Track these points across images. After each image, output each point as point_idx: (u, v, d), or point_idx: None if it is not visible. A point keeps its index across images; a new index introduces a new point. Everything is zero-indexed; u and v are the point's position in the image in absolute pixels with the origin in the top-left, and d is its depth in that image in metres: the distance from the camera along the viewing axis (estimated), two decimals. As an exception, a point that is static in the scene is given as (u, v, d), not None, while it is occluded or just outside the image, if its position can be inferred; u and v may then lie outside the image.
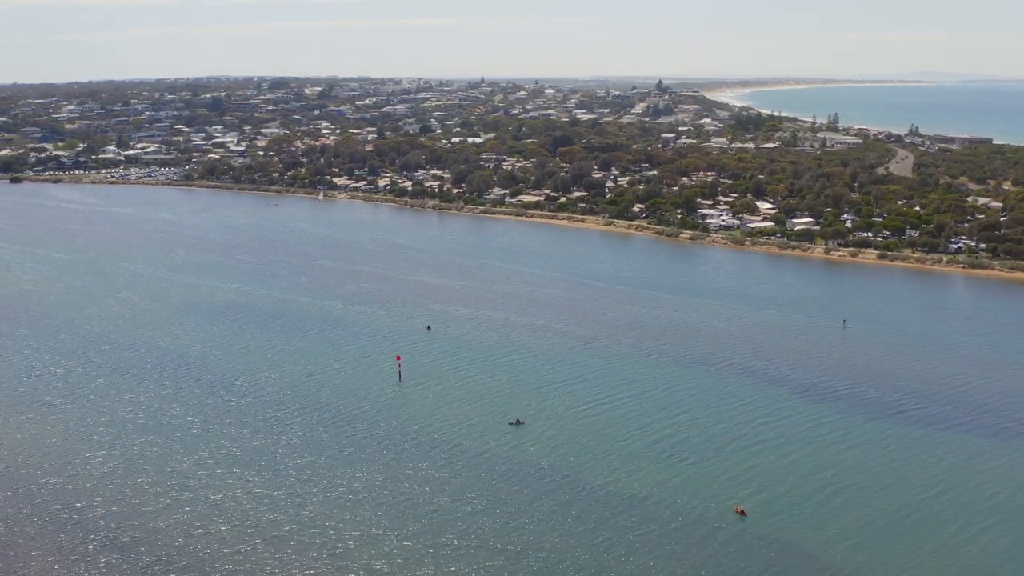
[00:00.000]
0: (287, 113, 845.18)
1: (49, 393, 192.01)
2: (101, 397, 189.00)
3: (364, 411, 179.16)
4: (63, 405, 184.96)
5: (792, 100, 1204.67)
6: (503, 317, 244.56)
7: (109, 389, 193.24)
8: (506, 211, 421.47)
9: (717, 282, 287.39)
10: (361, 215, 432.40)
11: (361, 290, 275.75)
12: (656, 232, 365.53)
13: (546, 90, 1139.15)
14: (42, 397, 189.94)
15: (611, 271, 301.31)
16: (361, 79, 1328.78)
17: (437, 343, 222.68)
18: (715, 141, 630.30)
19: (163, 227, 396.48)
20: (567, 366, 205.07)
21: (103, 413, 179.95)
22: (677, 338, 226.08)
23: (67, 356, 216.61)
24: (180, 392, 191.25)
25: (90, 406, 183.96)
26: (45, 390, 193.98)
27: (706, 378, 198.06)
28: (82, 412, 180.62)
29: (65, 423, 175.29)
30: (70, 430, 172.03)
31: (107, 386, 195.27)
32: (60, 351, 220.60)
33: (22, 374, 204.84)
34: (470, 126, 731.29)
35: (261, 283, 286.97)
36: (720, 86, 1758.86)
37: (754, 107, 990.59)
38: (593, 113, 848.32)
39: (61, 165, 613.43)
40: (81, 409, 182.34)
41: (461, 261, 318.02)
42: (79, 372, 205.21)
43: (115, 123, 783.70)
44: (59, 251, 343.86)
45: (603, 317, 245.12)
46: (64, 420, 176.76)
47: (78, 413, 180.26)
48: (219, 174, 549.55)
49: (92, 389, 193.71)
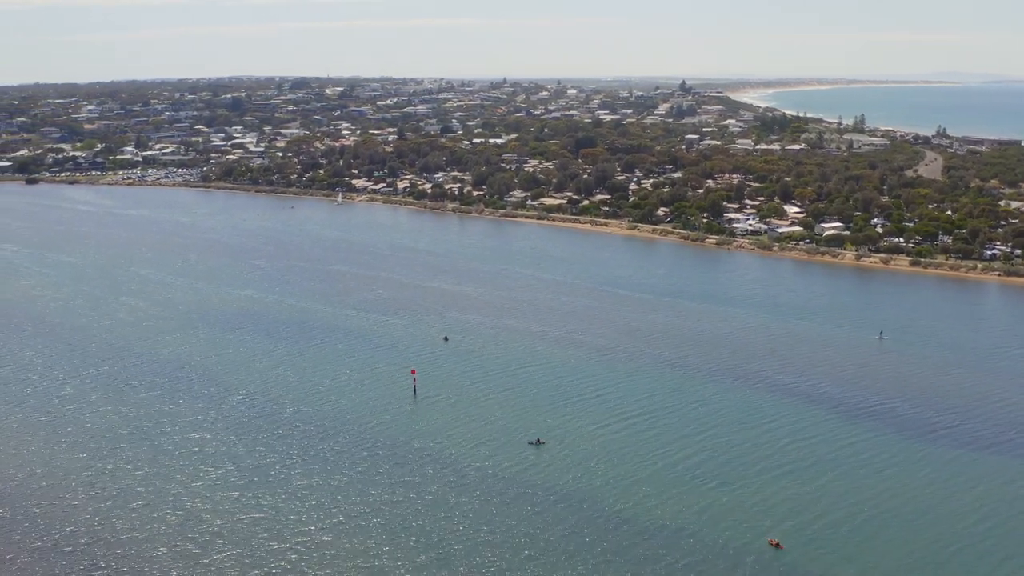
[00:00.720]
0: (307, 113, 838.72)
1: (46, 406, 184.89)
2: (100, 412, 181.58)
3: (375, 428, 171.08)
4: (59, 420, 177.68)
5: (815, 101, 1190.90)
6: (523, 326, 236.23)
7: (108, 403, 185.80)
8: (527, 214, 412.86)
9: (744, 290, 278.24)
10: (379, 218, 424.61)
11: (376, 297, 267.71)
12: (681, 237, 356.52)
13: (568, 90, 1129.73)
14: (38, 411, 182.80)
15: (634, 278, 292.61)
16: (383, 79, 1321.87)
17: (454, 355, 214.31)
18: (740, 143, 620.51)
19: (177, 230, 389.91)
20: (588, 379, 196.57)
21: (100, 429, 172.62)
22: (702, 349, 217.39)
23: (68, 366, 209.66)
24: (183, 406, 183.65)
25: (88, 421, 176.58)
26: (42, 403, 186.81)
27: (733, 393, 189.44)
28: (78, 428, 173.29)
29: (60, 440, 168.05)
30: (64, 447, 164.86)
31: (107, 399, 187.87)
32: (62, 361, 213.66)
33: (20, 385, 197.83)
34: (492, 127, 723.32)
35: (274, 289, 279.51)
36: (743, 87, 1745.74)
37: (778, 108, 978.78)
38: (616, 114, 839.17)
39: (78, 166, 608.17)
40: (78, 425, 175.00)
41: (480, 266, 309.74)
42: (78, 384, 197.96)
43: (134, 123, 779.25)
44: (69, 255, 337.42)
45: (626, 327, 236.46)
46: (59, 436, 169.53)
47: (74, 429, 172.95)
48: (236, 175, 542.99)
49: (91, 403, 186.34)
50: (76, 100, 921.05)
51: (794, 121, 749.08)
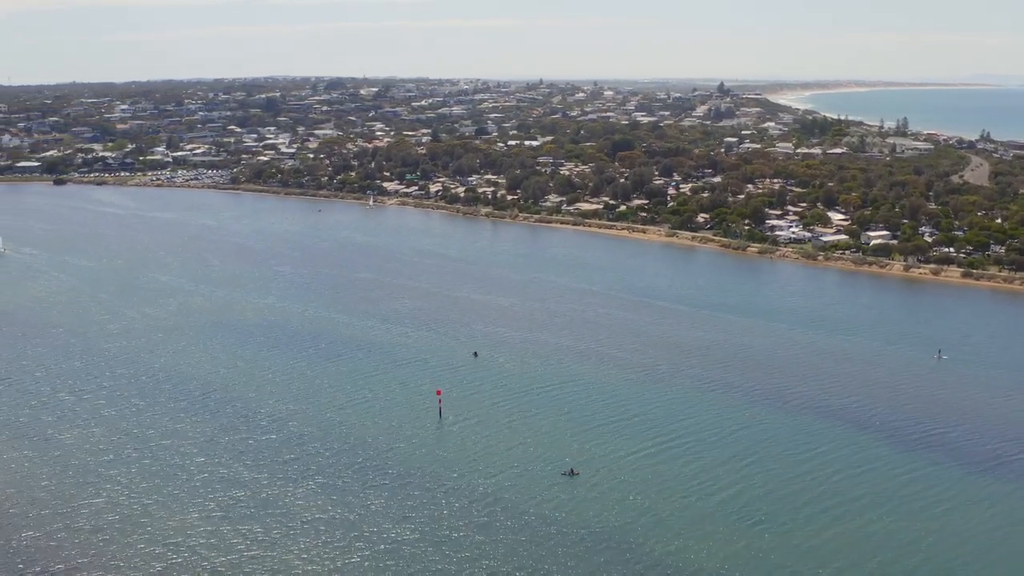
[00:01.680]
0: (342, 114, 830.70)
1: (51, 425, 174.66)
2: (106, 431, 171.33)
3: (397, 454, 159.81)
4: (63, 440, 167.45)
5: (854, 103, 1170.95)
6: (556, 341, 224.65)
7: (116, 422, 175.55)
8: (562, 220, 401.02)
9: (788, 302, 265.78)
10: (410, 223, 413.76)
11: (403, 308, 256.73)
12: (722, 245, 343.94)
13: (605, 92, 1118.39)
14: (42, 429, 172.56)
15: (672, 288, 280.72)
16: (418, 80, 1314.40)
17: (483, 373, 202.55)
18: (780, 146, 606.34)
19: (202, 233, 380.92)
20: (624, 400, 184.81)
21: (105, 451, 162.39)
22: (744, 368, 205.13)
23: (77, 380, 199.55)
24: (189, 426, 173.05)
25: (92, 442, 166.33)
26: (46, 421, 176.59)
27: (777, 417, 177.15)
28: (82, 449, 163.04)
29: (62, 462, 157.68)
30: (66, 471, 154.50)
31: (115, 418, 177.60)
32: (70, 374, 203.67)
33: (26, 400, 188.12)
34: (527, 128, 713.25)
35: (296, 298, 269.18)
36: (780, 88, 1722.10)
37: (816, 110, 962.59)
38: (653, 116, 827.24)
39: (107, 166, 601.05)
40: (81, 445, 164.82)
41: (513, 275, 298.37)
42: (87, 400, 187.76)
43: (167, 123, 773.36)
44: (89, 259, 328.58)
45: (663, 341, 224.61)
46: (61, 458, 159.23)
47: (78, 450, 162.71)
48: (266, 177, 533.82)
49: (98, 421, 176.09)
50: (109, 100, 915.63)
51: (835, 124, 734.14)
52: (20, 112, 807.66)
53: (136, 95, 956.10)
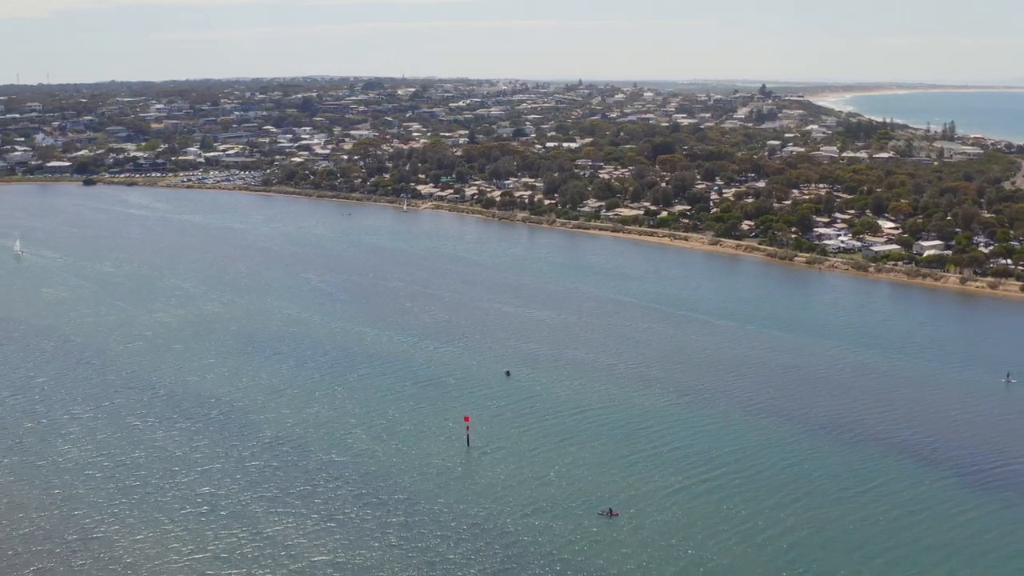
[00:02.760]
0: (379, 115, 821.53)
1: (49, 449, 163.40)
2: (102, 456, 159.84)
3: (421, 488, 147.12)
4: (58, 465, 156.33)
5: (896, 106, 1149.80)
6: (592, 359, 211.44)
7: (114, 445, 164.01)
8: (601, 226, 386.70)
9: (839, 317, 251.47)
10: (444, 227, 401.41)
11: (433, 321, 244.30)
12: (768, 254, 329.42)
13: (645, 93, 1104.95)
14: (34, 454, 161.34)
15: (716, 300, 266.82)
16: (457, 80, 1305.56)
17: (515, 394, 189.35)
18: (824, 150, 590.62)
19: (229, 238, 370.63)
20: (666, 427, 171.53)
21: (99, 479, 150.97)
22: (795, 392, 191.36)
23: (82, 399, 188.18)
24: (198, 451, 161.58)
25: (87, 470, 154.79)
26: (44, 446, 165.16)
27: (831, 448, 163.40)
28: (77, 479, 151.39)
29: (55, 492, 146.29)
30: (56, 502, 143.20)
31: (114, 441, 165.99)
32: (76, 391, 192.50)
33: (25, 420, 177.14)
34: (566, 130, 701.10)
35: (321, 308, 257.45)
36: (822, 90, 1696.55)
37: (859, 113, 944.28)
38: (694, 118, 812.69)
39: (138, 167, 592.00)
40: (77, 474, 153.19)
41: (549, 285, 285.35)
42: (89, 420, 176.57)
43: (203, 123, 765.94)
44: (110, 264, 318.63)
45: (707, 361, 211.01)
46: (55, 487, 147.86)
47: (72, 479, 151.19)
48: (298, 179, 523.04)
49: (98, 445, 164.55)
50: (145, 99, 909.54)
51: (880, 127, 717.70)
52: (54, 111, 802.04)
53: (171, 94, 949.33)
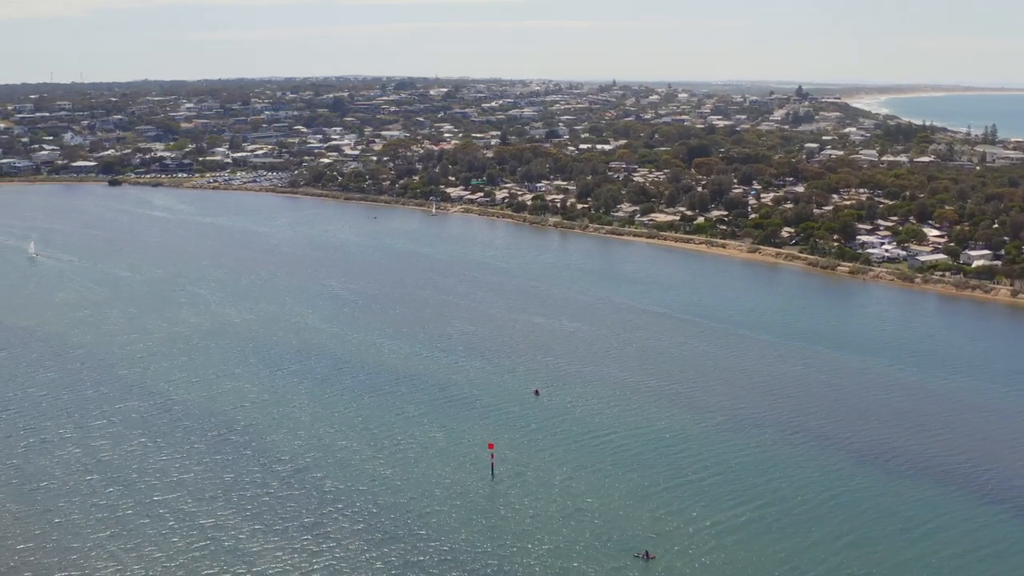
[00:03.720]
0: (410, 115, 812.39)
1: (37, 472, 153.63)
2: (104, 480, 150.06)
3: (440, 524, 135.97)
4: (48, 491, 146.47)
5: (932, 108, 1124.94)
6: (626, 378, 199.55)
7: (118, 470, 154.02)
8: (636, 232, 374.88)
9: (885, 332, 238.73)
10: (473, 232, 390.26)
11: (458, 333, 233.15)
12: (809, 263, 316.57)
13: (679, 94, 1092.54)
14: (25, 477, 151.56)
15: (756, 313, 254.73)
16: (490, 80, 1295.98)
17: (544, 416, 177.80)
18: (864, 153, 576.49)
19: (252, 242, 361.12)
20: (704, 455, 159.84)
21: (99, 507, 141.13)
22: (841, 416, 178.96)
23: (84, 415, 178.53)
24: (204, 478, 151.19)
25: (86, 493, 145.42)
26: (32, 467, 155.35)
27: (881, 480, 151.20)
28: (72, 504, 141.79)
29: (46, 520, 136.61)
30: (43, 531, 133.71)
31: (117, 465, 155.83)
32: (79, 408, 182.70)
33: (15, 438, 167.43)
34: (599, 131, 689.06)
35: (341, 318, 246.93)
36: (856, 92, 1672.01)
37: (896, 115, 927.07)
38: (729, 120, 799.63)
39: (164, 167, 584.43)
40: (66, 499, 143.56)
41: (580, 296, 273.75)
42: (84, 439, 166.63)
43: (233, 123, 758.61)
44: (126, 268, 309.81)
45: (746, 380, 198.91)
46: (41, 515, 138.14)
47: (67, 504, 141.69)
48: (326, 181, 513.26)
49: (98, 468, 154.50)
50: (175, 98, 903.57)
51: (920, 131, 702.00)
52: (84, 110, 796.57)
53: (201, 93, 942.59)
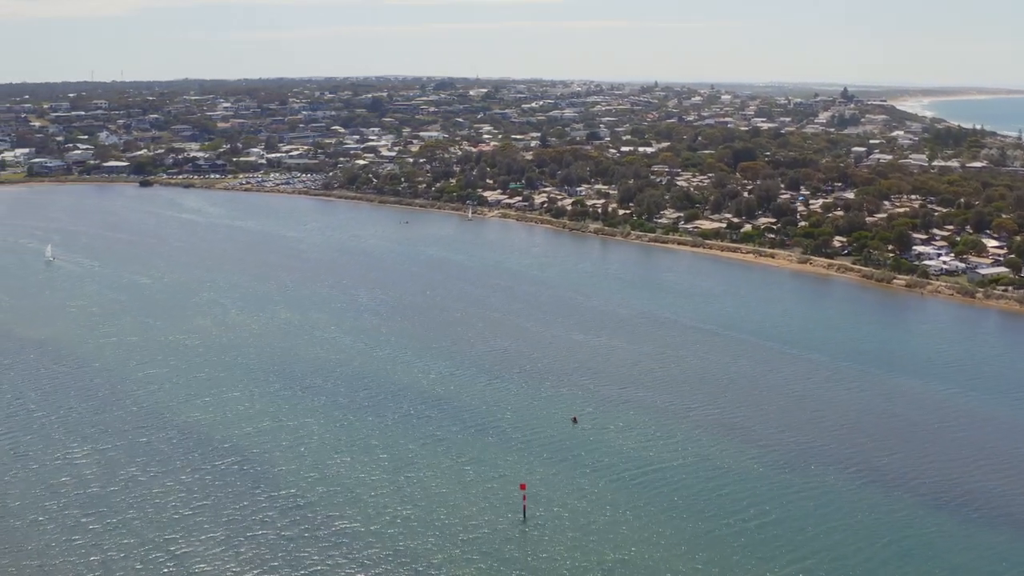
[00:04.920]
0: (449, 115, 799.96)
1: (29, 504, 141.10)
2: (95, 517, 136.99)
3: (464, 574, 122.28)
4: (37, 526, 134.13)
5: (978, 111, 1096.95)
6: (670, 404, 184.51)
7: (109, 503, 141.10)
8: (680, 240, 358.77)
9: (946, 352, 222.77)
10: (510, 239, 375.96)
11: (490, 350, 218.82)
12: (863, 275, 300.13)
13: (723, 96, 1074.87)
14: (15, 514, 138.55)
15: (808, 330, 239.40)
16: (531, 81, 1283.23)
17: (583, 448, 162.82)
18: (913, 158, 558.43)
19: (280, 247, 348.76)
20: (755, 496, 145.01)
21: (88, 546, 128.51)
22: (902, 450, 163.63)
23: (85, 439, 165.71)
24: (201, 516, 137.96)
25: (74, 532, 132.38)
26: (25, 498, 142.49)
27: (952, 527, 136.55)
28: (57, 541, 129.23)
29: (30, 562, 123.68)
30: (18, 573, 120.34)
31: (115, 499, 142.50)
32: (80, 430, 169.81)
33: (11, 464, 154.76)
34: (641, 133, 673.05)
35: (367, 332, 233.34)
36: (899, 95, 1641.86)
37: (942, 118, 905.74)
38: (774, 122, 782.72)
39: (197, 168, 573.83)
40: (57, 535, 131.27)
41: (621, 309, 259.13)
42: (82, 466, 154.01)
43: (270, 122, 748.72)
44: (146, 274, 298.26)
45: (800, 408, 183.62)
46: (31, 555, 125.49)
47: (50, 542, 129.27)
48: (360, 184, 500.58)
49: (86, 501, 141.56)
50: (213, 97, 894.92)
51: (970, 134, 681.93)
52: (120, 108, 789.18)
53: (239, 93, 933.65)
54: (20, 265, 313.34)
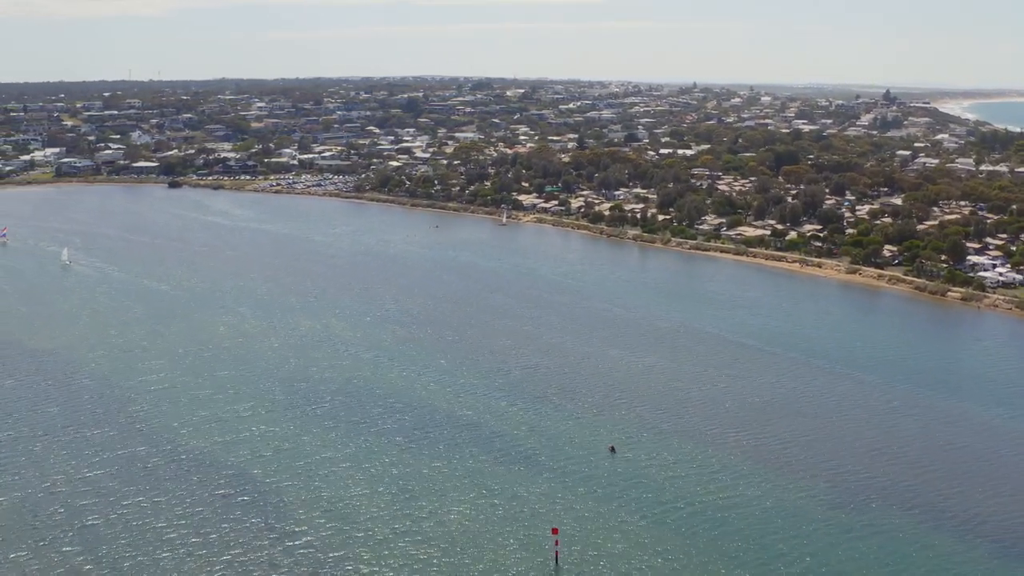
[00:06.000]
0: (485, 116, 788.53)
1: (12, 538, 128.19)
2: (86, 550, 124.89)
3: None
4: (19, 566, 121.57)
5: (1020, 114, 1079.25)
6: (715, 431, 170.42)
7: (104, 542, 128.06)
8: (722, 247, 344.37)
9: (1008, 374, 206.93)
10: (545, 245, 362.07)
11: (520, 367, 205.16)
12: (915, 287, 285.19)
13: (762, 97, 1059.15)
14: (3, 548, 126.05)
15: (859, 347, 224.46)
16: (568, 81, 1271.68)
17: (621, 482, 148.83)
18: (960, 162, 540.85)
19: (307, 252, 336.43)
20: (809, 539, 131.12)
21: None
22: (968, 488, 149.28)
23: (81, 461, 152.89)
24: (204, 556, 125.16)
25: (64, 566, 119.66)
26: (9, 532, 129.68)
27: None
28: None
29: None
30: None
31: (105, 535, 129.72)
32: (75, 455, 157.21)
33: (2, 493, 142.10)
34: (680, 135, 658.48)
35: (391, 346, 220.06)
36: (939, 96, 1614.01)
37: (986, 121, 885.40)
38: (815, 124, 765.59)
39: (227, 168, 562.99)
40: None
41: (661, 322, 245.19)
42: (77, 500, 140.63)
43: (304, 122, 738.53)
44: (166, 280, 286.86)
45: (853, 435, 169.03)
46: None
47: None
48: (392, 186, 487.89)
49: (78, 536, 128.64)
50: (248, 97, 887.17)
51: (1018, 138, 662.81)
52: (153, 108, 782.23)
53: (276, 92, 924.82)
54: (37, 269, 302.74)
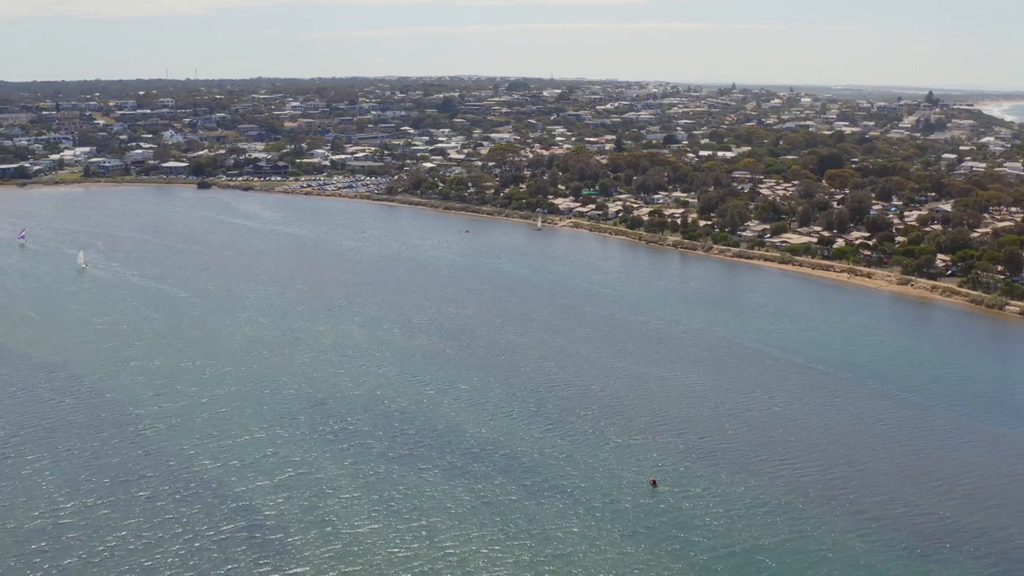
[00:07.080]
0: (522, 116, 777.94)
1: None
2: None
3: None
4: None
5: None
6: (761, 460, 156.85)
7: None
8: (766, 255, 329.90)
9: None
10: (581, 251, 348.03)
11: (551, 387, 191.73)
12: (971, 300, 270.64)
13: (803, 99, 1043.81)
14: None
15: (916, 368, 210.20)
16: (606, 82, 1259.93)
17: (665, 522, 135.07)
18: (1008, 166, 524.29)
19: (334, 258, 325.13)
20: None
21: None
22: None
23: (70, 496, 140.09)
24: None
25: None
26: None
27: None
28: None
29: None
30: None
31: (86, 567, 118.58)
32: (70, 484, 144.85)
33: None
34: (720, 137, 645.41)
35: (415, 363, 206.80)
36: (980, 99, 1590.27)
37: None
38: (857, 126, 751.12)
39: (258, 169, 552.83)
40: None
41: (702, 336, 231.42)
42: (63, 533, 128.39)
43: (338, 122, 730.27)
44: (186, 287, 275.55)
45: (918, 471, 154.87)
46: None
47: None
48: (425, 188, 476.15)
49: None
50: (282, 96, 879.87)
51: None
52: (187, 107, 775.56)
53: (311, 92, 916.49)
54: (53, 273, 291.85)
